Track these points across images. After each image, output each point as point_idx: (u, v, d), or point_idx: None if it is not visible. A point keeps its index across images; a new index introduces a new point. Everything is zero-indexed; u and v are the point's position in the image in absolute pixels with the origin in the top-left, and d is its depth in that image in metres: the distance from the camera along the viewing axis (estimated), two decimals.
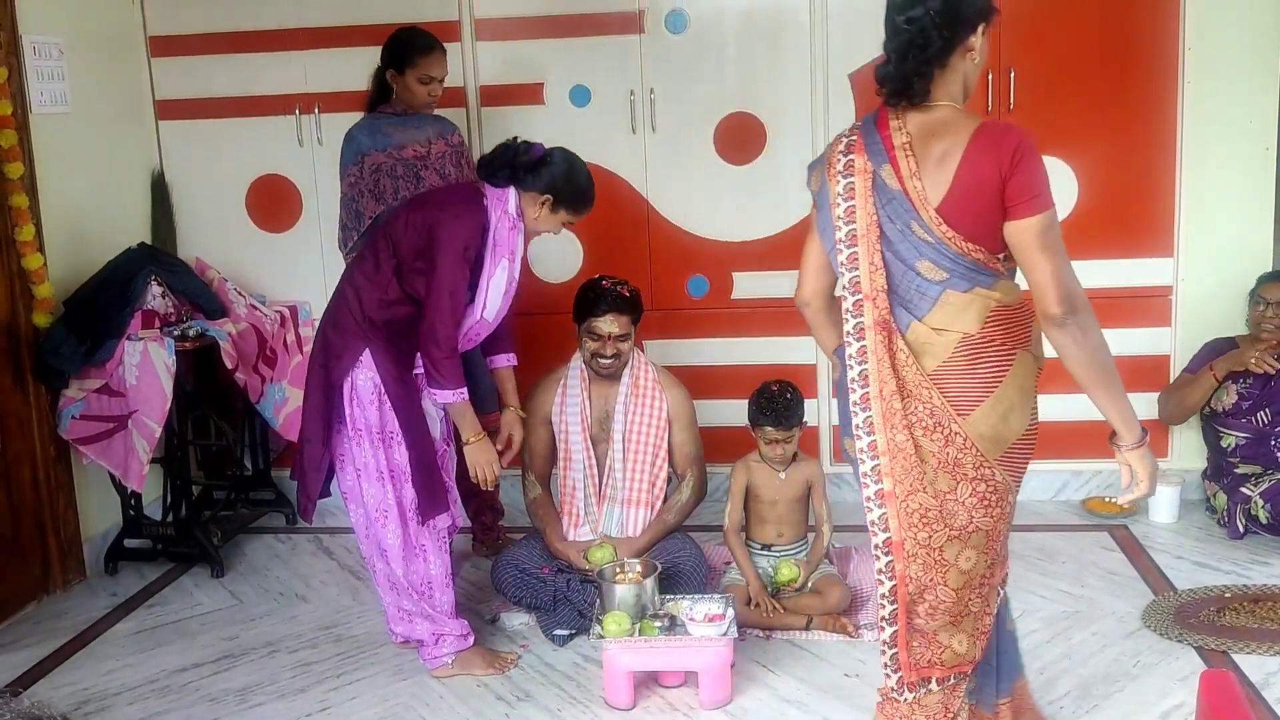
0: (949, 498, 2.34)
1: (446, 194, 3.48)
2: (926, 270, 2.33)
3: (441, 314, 3.24)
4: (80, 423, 4.11)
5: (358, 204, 3.97)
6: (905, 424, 2.32)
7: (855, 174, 2.36)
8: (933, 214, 2.30)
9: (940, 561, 2.37)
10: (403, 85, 3.99)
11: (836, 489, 4.71)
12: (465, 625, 3.48)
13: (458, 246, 3.23)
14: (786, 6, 4.49)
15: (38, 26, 4.14)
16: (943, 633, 2.42)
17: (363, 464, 3.34)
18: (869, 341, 2.34)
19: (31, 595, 4.10)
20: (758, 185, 4.61)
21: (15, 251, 4.00)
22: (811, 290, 2.60)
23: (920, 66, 2.31)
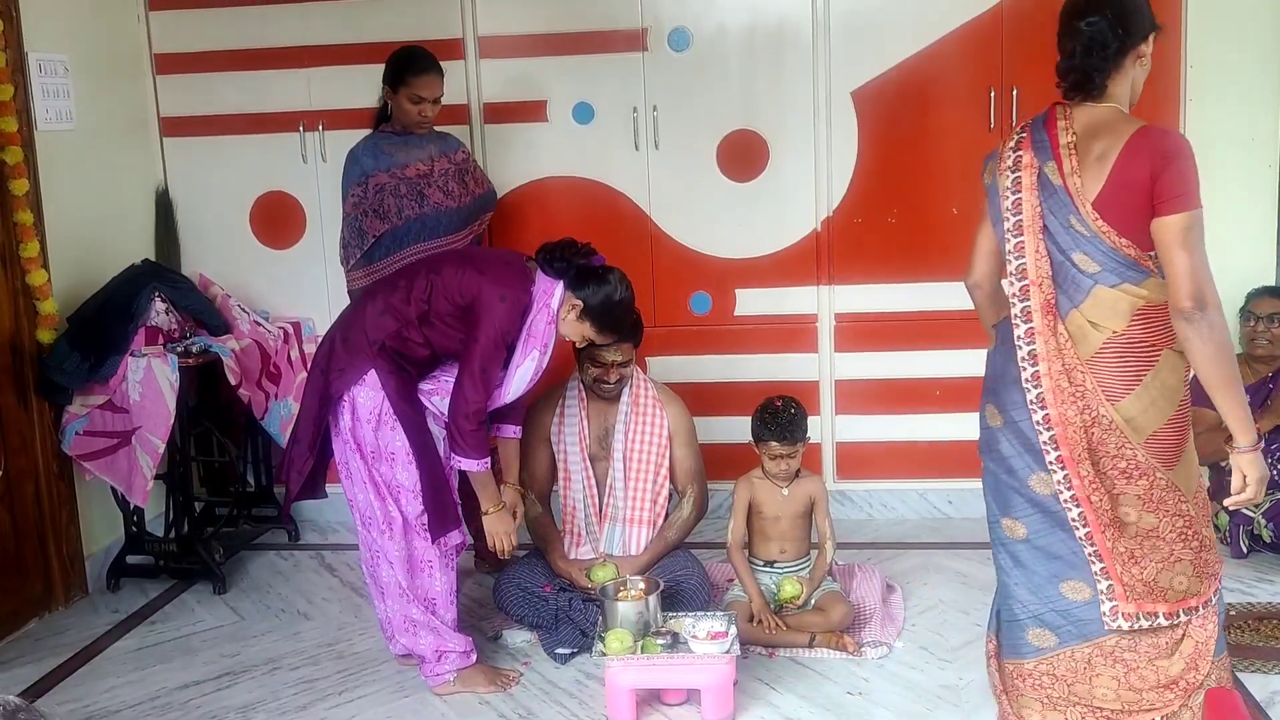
0: (1099, 470, 2.57)
1: (499, 268, 3.36)
2: (1081, 262, 2.54)
3: (474, 388, 3.25)
4: (84, 439, 4.12)
5: (361, 223, 3.98)
6: (1073, 398, 2.55)
7: (1022, 169, 2.59)
8: (1089, 209, 2.51)
9: (1116, 519, 2.59)
10: (396, 104, 4.00)
11: (839, 506, 4.71)
12: (469, 642, 3.48)
13: (499, 329, 3.25)
14: (789, 24, 4.50)
15: (43, 44, 4.16)
16: (1161, 576, 2.60)
17: (354, 470, 3.35)
18: (1036, 323, 2.57)
19: (34, 611, 4.10)
20: (760, 202, 4.62)
21: (20, 268, 4.01)
22: (982, 273, 2.81)
23: (1100, 63, 2.56)
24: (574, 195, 4.67)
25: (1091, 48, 2.56)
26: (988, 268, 2.79)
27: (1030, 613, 2.71)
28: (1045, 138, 2.61)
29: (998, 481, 2.74)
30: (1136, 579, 2.58)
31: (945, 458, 4.70)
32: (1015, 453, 2.67)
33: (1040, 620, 2.70)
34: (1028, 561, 2.70)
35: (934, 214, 4.53)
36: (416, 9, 4.61)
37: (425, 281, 3.33)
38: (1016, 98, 4.38)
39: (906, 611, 3.87)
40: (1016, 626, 2.75)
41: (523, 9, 4.60)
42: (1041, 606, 2.70)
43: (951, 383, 4.61)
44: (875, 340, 4.64)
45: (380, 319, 3.33)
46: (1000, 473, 2.72)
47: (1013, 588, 2.74)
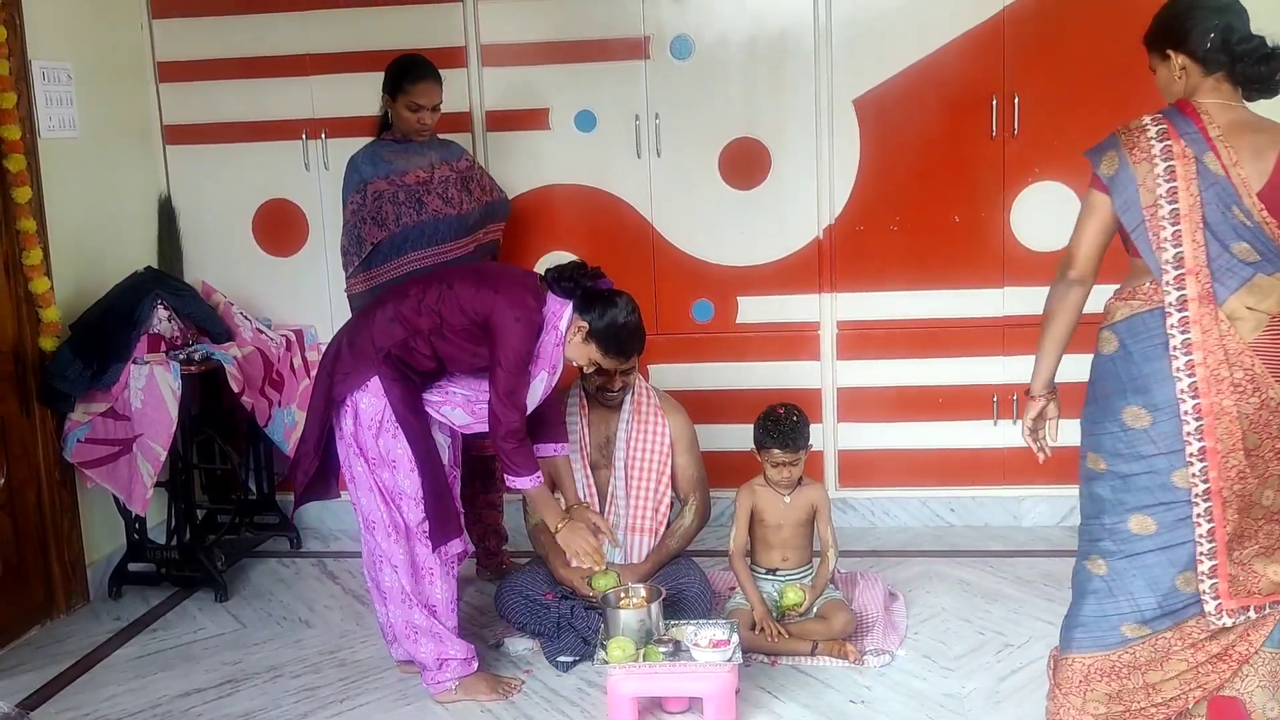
0: (1255, 455, 2.58)
1: (513, 287, 3.34)
2: (1241, 252, 2.56)
3: (506, 410, 3.28)
4: (85, 446, 4.12)
5: (359, 230, 3.98)
6: (1230, 388, 2.55)
7: (1175, 158, 2.57)
8: (1255, 200, 2.54)
9: (1252, 504, 2.61)
10: (394, 111, 4.00)
11: (842, 513, 4.70)
12: (471, 649, 3.47)
13: (517, 350, 3.26)
14: (791, 32, 4.51)
15: (47, 52, 4.17)
16: (1257, 562, 2.63)
17: (358, 474, 3.36)
18: (1192, 312, 2.56)
19: (35, 619, 4.10)
20: (762, 210, 4.62)
21: (23, 275, 4.02)
22: (1090, 270, 2.71)
23: None
24: (576, 203, 4.68)
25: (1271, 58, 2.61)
26: (1095, 264, 2.71)
27: (1137, 606, 2.70)
28: (1194, 129, 2.60)
29: (1131, 483, 2.68)
30: (1238, 563, 2.62)
31: (947, 466, 4.70)
32: (1161, 450, 2.63)
33: (1142, 615, 2.70)
34: (1152, 557, 2.68)
35: (936, 222, 4.53)
36: (419, 17, 4.62)
37: (438, 293, 3.33)
38: (1018, 105, 4.38)
39: (909, 620, 3.86)
40: (1112, 620, 2.73)
41: (525, 17, 4.61)
42: (1152, 600, 2.69)
43: (954, 390, 4.61)
44: (877, 348, 4.64)
45: (389, 326, 3.34)
46: (1141, 473, 2.66)
47: (1127, 582, 2.71)
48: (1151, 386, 2.63)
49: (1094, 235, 2.69)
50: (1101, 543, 2.74)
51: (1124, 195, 2.63)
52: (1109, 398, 2.69)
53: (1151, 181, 2.59)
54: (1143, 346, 2.64)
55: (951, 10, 4.42)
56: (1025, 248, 4.49)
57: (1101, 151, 2.67)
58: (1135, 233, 2.63)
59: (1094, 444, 2.73)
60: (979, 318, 4.56)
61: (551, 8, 4.60)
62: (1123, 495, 2.69)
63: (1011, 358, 4.52)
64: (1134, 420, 2.65)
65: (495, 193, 4.26)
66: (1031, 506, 4.67)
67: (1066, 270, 2.72)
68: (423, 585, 3.41)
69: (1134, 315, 2.66)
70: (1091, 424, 2.74)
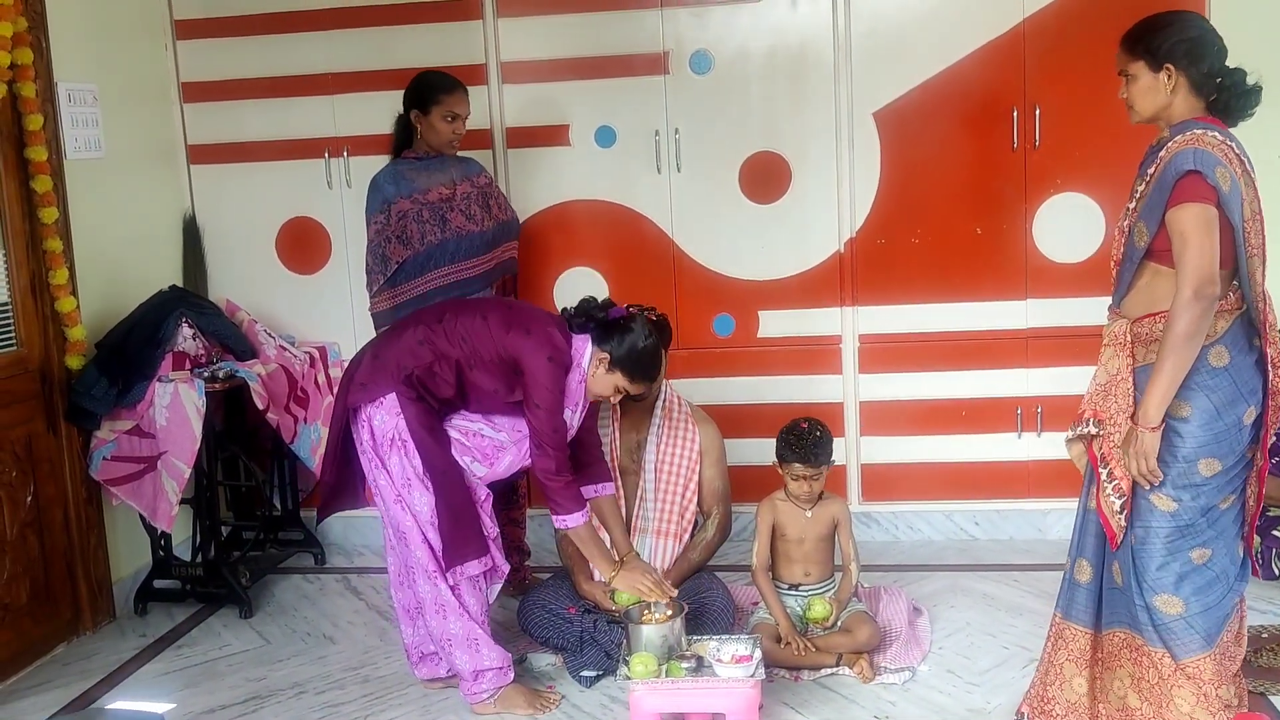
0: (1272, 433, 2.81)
1: (543, 328, 3.37)
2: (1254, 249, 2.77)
3: (550, 450, 3.32)
4: (111, 464, 4.15)
5: (384, 249, 4.01)
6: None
7: (1246, 174, 2.75)
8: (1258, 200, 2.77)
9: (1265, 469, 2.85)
10: (427, 125, 4.03)
11: (865, 528, 4.69)
12: (506, 657, 3.47)
13: (552, 391, 3.31)
14: (810, 46, 4.51)
15: (72, 74, 4.21)
16: None
17: (383, 486, 3.37)
18: (1263, 310, 2.77)
19: (62, 636, 4.12)
20: (783, 224, 4.62)
21: (49, 295, 4.06)
22: (1219, 285, 2.71)
23: None
24: (597, 218, 4.69)
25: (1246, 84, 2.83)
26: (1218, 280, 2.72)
27: (1231, 583, 2.85)
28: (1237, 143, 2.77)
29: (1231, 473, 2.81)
30: None
31: (972, 479, 4.67)
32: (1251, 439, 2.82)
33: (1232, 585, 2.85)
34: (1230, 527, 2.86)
35: (958, 234, 4.52)
36: (440, 35, 4.65)
37: (472, 325, 3.36)
38: (1039, 116, 4.37)
39: (933, 634, 3.84)
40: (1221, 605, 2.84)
41: (544, 34, 4.64)
42: (1233, 568, 2.86)
43: (977, 403, 4.59)
44: (900, 361, 4.63)
45: (418, 348, 3.35)
46: (1240, 463, 2.82)
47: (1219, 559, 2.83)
48: (1257, 386, 2.80)
49: (1219, 248, 2.68)
50: (1204, 533, 2.82)
51: (1237, 211, 2.71)
52: (1230, 405, 2.78)
53: (1250, 195, 2.75)
54: (1242, 352, 2.79)
55: (971, 22, 4.41)
56: (1048, 259, 4.47)
57: (1213, 166, 2.68)
58: (1240, 244, 2.72)
59: (1212, 451, 2.78)
60: (1002, 330, 4.54)
61: (571, 24, 4.62)
62: (1224, 486, 2.82)
63: (1035, 370, 4.50)
64: (1248, 418, 2.81)
65: (509, 212, 4.29)
66: (1057, 520, 4.64)
67: (1205, 288, 2.66)
68: (456, 593, 3.41)
69: (1231, 326, 2.78)
70: (1210, 432, 2.77)
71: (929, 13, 4.44)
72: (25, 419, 3.99)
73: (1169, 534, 2.81)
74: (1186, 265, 2.66)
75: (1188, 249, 2.66)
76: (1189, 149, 2.69)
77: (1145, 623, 2.84)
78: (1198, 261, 2.65)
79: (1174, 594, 2.80)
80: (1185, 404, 2.77)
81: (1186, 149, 2.69)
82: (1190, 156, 2.68)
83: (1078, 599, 2.99)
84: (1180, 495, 2.79)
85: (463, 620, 3.39)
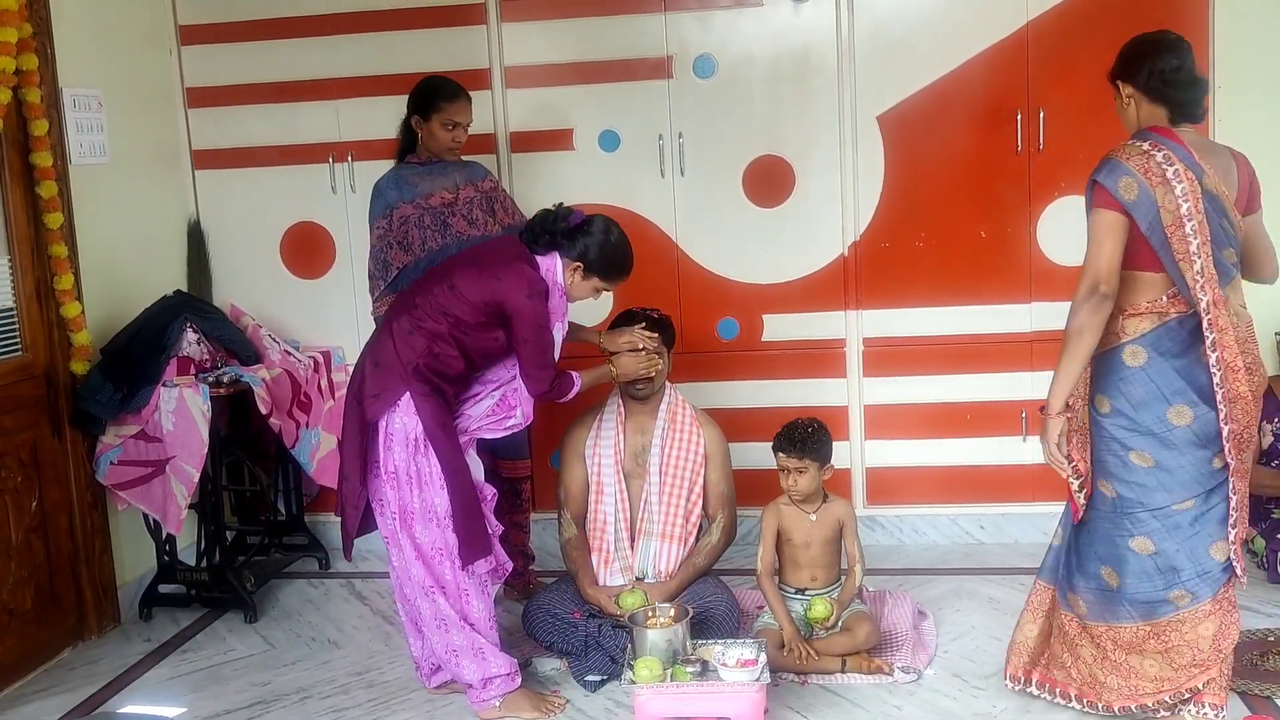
0: (1246, 434, 2.94)
1: (512, 268, 3.38)
2: (1228, 257, 2.93)
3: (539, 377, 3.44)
4: (118, 468, 4.15)
5: (385, 255, 4.01)
6: (1245, 374, 2.90)
7: (1185, 180, 2.87)
8: (1234, 213, 2.93)
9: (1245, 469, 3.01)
10: (427, 131, 4.03)
11: (870, 531, 4.68)
12: (513, 663, 3.48)
13: (536, 324, 3.37)
14: (814, 50, 4.51)
15: (77, 79, 4.22)
16: None
17: (400, 507, 3.36)
18: (1213, 314, 2.88)
19: (67, 641, 4.13)
20: (787, 227, 4.62)
21: (54, 300, 4.06)
22: (1116, 284, 2.92)
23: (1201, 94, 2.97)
24: None
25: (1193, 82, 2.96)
26: (1118, 279, 2.92)
27: (1181, 578, 3.01)
28: (1187, 153, 2.90)
29: (1178, 474, 2.97)
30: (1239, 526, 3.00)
31: (977, 482, 4.67)
32: (1200, 440, 2.95)
33: (1184, 584, 3.01)
34: (1189, 532, 3.00)
35: (961, 237, 4.52)
36: (444, 40, 4.66)
37: (444, 295, 3.36)
38: (1043, 119, 4.37)
39: (939, 638, 3.84)
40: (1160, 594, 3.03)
41: (548, 39, 4.64)
42: (1193, 569, 3.00)
43: (981, 406, 4.59)
44: (904, 365, 4.63)
45: (410, 339, 3.36)
46: (1185, 465, 2.97)
47: (1172, 557, 3.01)
48: (1189, 387, 2.93)
49: (1117, 252, 2.91)
50: (1147, 524, 3.01)
51: (1148, 217, 2.88)
52: (1149, 403, 2.96)
53: (1171, 203, 2.86)
54: (1173, 352, 2.94)
55: (975, 25, 4.41)
56: (1052, 262, 4.47)
57: (1117, 177, 2.89)
58: (1161, 251, 2.89)
59: (1136, 442, 2.98)
60: (1006, 333, 4.54)
61: (574, 29, 4.62)
62: (1169, 484, 2.98)
63: (1039, 373, 4.49)
64: (1178, 418, 2.94)
65: (516, 216, 4.28)
66: None
67: (1098, 286, 2.89)
68: (459, 604, 3.41)
69: (1159, 326, 2.95)
70: (1132, 427, 2.99)
71: (932, 16, 4.44)
72: (30, 424, 3.99)
73: (1109, 516, 3.06)
74: (1084, 265, 2.93)
75: (1087, 250, 2.93)
76: (1104, 159, 2.94)
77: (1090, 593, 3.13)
78: (1091, 263, 2.91)
79: (1115, 570, 3.08)
80: (1104, 399, 3.02)
81: (1104, 159, 2.94)
82: (1101, 166, 2.92)
83: (1048, 559, 3.30)
84: (1116, 485, 3.03)
85: (464, 631, 3.39)
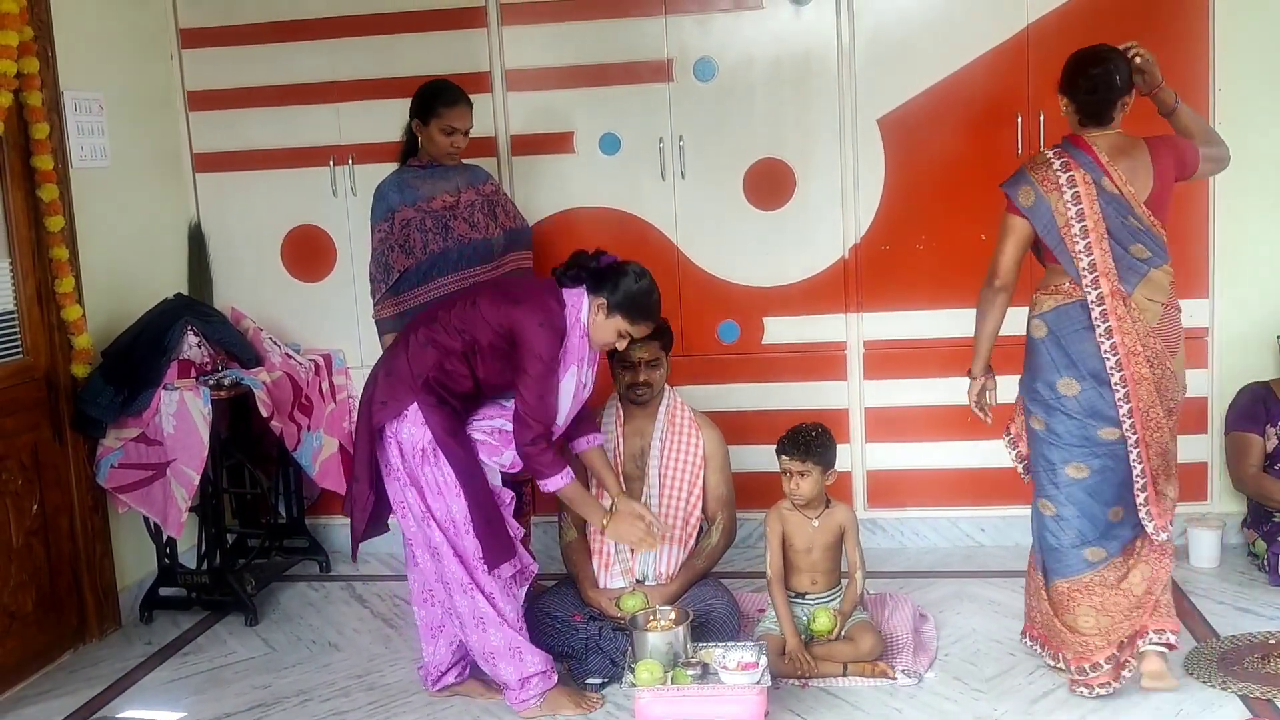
0: (1151, 412, 3.28)
1: (534, 295, 3.40)
2: (1137, 251, 3.26)
3: (533, 417, 3.33)
4: (119, 471, 4.16)
5: (387, 258, 4.01)
6: (1145, 359, 3.25)
7: (1078, 185, 3.26)
8: (1144, 209, 3.25)
9: (1164, 447, 3.33)
10: (426, 135, 4.03)
11: (870, 534, 4.68)
12: (548, 660, 3.47)
13: (543, 356, 3.31)
14: (814, 53, 4.51)
15: (78, 83, 4.22)
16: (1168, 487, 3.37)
17: (412, 504, 3.37)
18: (1108, 305, 3.24)
19: (68, 644, 4.13)
20: (787, 230, 4.62)
21: (55, 303, 4.07)
22: (1012, 279, 3.42)
23: (1111, 97, 3.30)
24: (602, 225, 4.68)
25: (1099, 88, 3.30)
26: (1016, 273, 3.42)
27: (1086, 539, 3.36)
28: (1088, 158, 3.28)
29: (1064, 438, 3.36)
30: (1160, 491, 3.33)
31: (977, 485, 4.66)
32: (1085, 413, 3.31)
33: (1091, 542, 3.36)
34: (1086, 496, 3.35)
35: (962, 240, 4.52)
36: (444, 43, 4.66)
37: (464, 313, 3.36)
38: (1043, 122, 4.37)
39: (939, 641, 3.83)
40: (1072, 553, 3.39)
41: (549, 42, 4.64)
42: (1094, 531, 3.36)
43: None
44: (905, 367, 4.62)
45: (422, 351, 3.36)
46: (1073, 430, 3.34)
47: (1071, 520, 3.37)
48: (1078, 362, 3.30)
49: (1013, 251, 3.39)
50: (1047, 488, 3.42)
51: (1042, 220, 3.31)
52: (1044, 370, 3.38)
53: (1062, 207, 3.27)
54: (1068, 331, 3.32)
55: (975, 28, 4.41)
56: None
57: (1017, 186, 3.35)
58: (1056, 248, 3.31)
59: (1034, 408, 3.43)
60: (1006, 335, 4.50)
61: (575, 32, 4.63)
62: (1059, 448, 3.37)
63: None
64: (1066, 389, 3.33)
65: (518, 220, 4.28)
66: None
67: (993, 280, 3.41)
68: (493, 604, 3.40)
69: (1059, 306, 3.34)
70: (1030, 391, 3.44)
71: (933, 19, 4.45)
72: (31, 427, 3.99)
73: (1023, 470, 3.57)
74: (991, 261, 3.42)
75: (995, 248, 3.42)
76: (1016, 169, 3.41)
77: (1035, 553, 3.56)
78: (993, 260, 3.41)
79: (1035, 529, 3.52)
80: (1024, 369, 3.50)
81: (1016, 169, 3.42)
82: (1011, 176, 3.39)
83: None
84: (1029, 448, 3.51)
85: (503, 630, 3.39)
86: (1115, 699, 3.36)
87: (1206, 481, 4.55)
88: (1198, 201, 4.36)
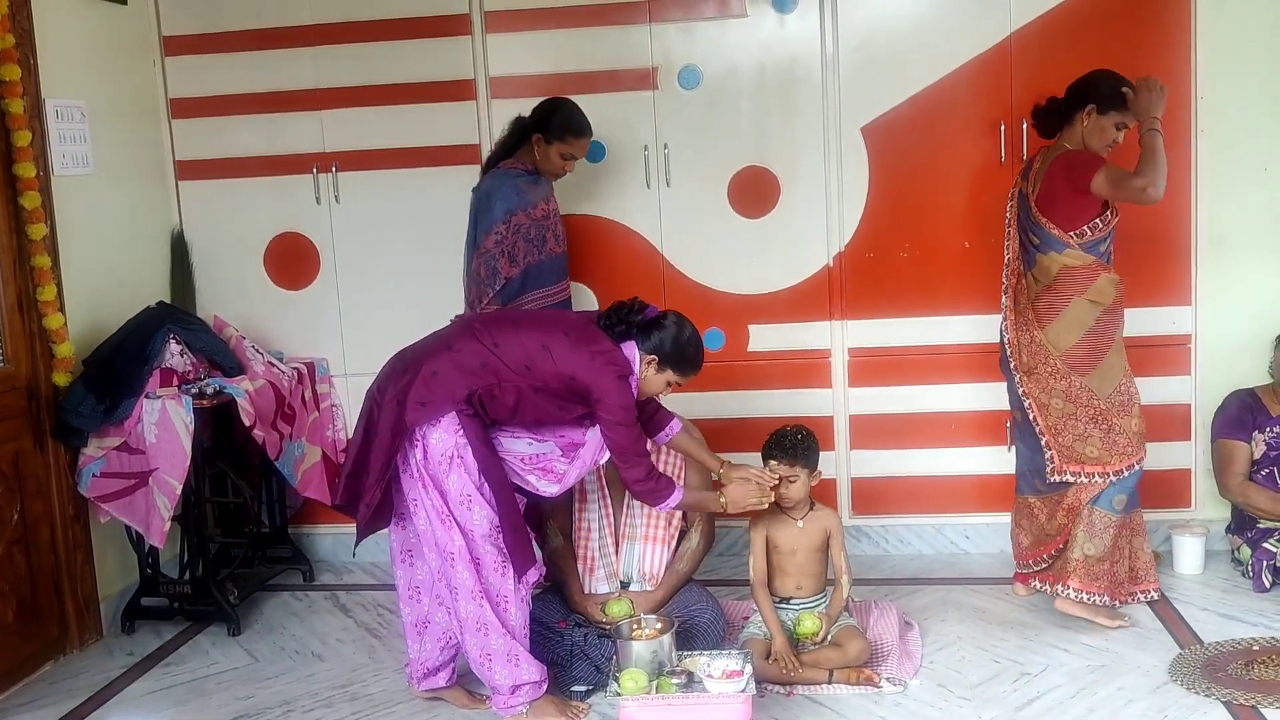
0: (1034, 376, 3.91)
1: (602, 348, 3.39)
2: (1031, 240, 3.88)
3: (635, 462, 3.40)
4: (101, 480, 4.13)
5: (496, 263, 4.02)
6: (1024, 328, 3.92)
7: (1016, 184, 4.03)
8: (1033, 206, 3.87)
9: (1046, 407, 3.91)
10: (543, 151, 4.10)
11: (855, 541, 4.68)
12: (543, 670, 3.46)
13: (626, 407, 3.36)
14: (799, 61, 4.52)
15: (61, 90, 4.21)
16: (1076, 444, 3.88)
17: (432, 506, 3.34)
18: (1008, 283, 4.02)
19: (49, 655, 4.09)
20: (772, 238, 4.62)
21: (36, 311, 4.04)
22: None
23: (1046, 118, 3.98)
24: (587, 233, 4.68)
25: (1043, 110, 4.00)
26: None
27: (1031, 467, 4.00)
28: (1028, 162, 4.01)
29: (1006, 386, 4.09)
30: (1061, 446, 3.85)
31: (961, 492, 4.67)
32: (1009, 371, 4.01)
33: (1033, 473, 3.99)
34: (1020, 437, 4.07)
35: (946, 248, 4.53)
36: (428, 51, 4.66)
37: (534, 349, 3.35)
38: (1026, 131, 4.37)
39: (924, 648, 3.83)
40: (1024, 478, 4.08)
41: (533, 50, 4.64)
42: (1028, 466, 4.03)
43: (966, 416, 4.60)
44: (889, 375, 4.63)
45: (481, 371, 3.34)
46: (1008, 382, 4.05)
47: (1022, 449, 4.06)
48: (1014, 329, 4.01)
49: None
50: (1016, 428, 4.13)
51: None
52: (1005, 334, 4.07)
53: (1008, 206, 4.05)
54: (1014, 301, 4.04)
55: (958, 37, 4.43)
56: None
57: None
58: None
59: None
60: (991, 343, 4.53)
61: (559, 40, 4.63)
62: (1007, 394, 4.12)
63: None
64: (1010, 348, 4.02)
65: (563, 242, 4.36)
66: None
67: None
68: (499, 612, 3.39)
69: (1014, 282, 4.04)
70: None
71: (916, 28, 4.46)
72: (12, 436, 3.97)
73: None
74: None
75: None
76: None
77: None
78: None
79: None
80: None
81: None
82: None
83: None
84: None
85: (504, 637, 3.38)
86: (1100, 709, 3.37)
87: (1190, 488, 4.56)
88: (1179, 209, 4.37)
